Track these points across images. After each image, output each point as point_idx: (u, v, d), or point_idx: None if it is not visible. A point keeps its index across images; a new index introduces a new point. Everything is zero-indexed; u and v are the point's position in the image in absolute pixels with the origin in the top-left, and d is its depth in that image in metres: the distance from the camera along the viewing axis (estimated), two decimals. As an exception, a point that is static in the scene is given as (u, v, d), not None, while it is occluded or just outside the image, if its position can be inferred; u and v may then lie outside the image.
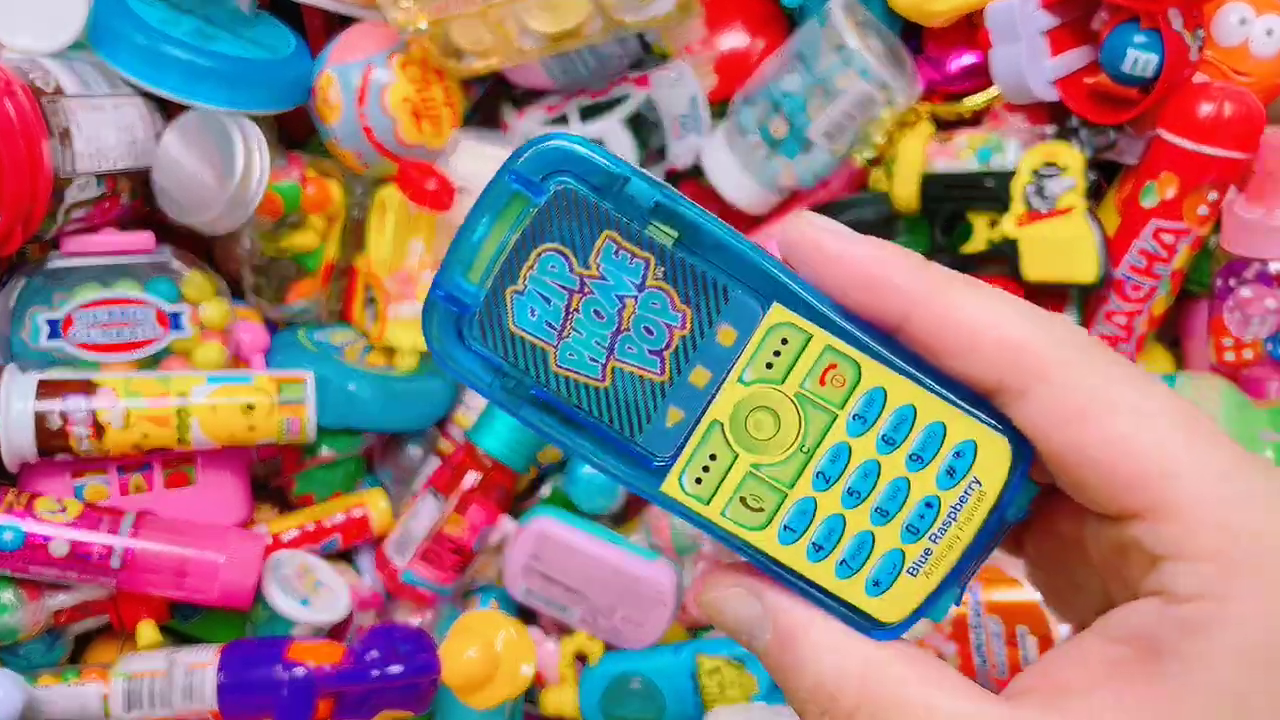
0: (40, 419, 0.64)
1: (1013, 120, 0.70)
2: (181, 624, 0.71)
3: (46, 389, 0.64)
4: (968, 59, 0.72)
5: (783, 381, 0.25)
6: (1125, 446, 0.23)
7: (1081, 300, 0.68)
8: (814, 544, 0.26)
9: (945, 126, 0.73)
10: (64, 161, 0.62)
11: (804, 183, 0.73)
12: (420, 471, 0.76)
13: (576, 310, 0.25)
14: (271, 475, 0.75)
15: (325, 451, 0.73)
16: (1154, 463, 0.23)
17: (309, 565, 0.71)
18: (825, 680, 0.25)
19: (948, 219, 0.70)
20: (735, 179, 0.73)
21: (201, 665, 0.64)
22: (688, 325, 0.25)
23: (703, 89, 0.74)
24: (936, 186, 0.70)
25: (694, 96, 0.74)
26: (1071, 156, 0.65)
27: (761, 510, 0.26)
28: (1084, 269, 0.65)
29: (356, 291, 0.75)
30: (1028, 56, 0.66)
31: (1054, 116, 0.69)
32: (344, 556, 0.76)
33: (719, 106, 0.76)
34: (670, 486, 0.26)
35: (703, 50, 0.75)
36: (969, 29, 0.70)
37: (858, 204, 0.72)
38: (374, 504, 0.74)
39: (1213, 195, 0.64)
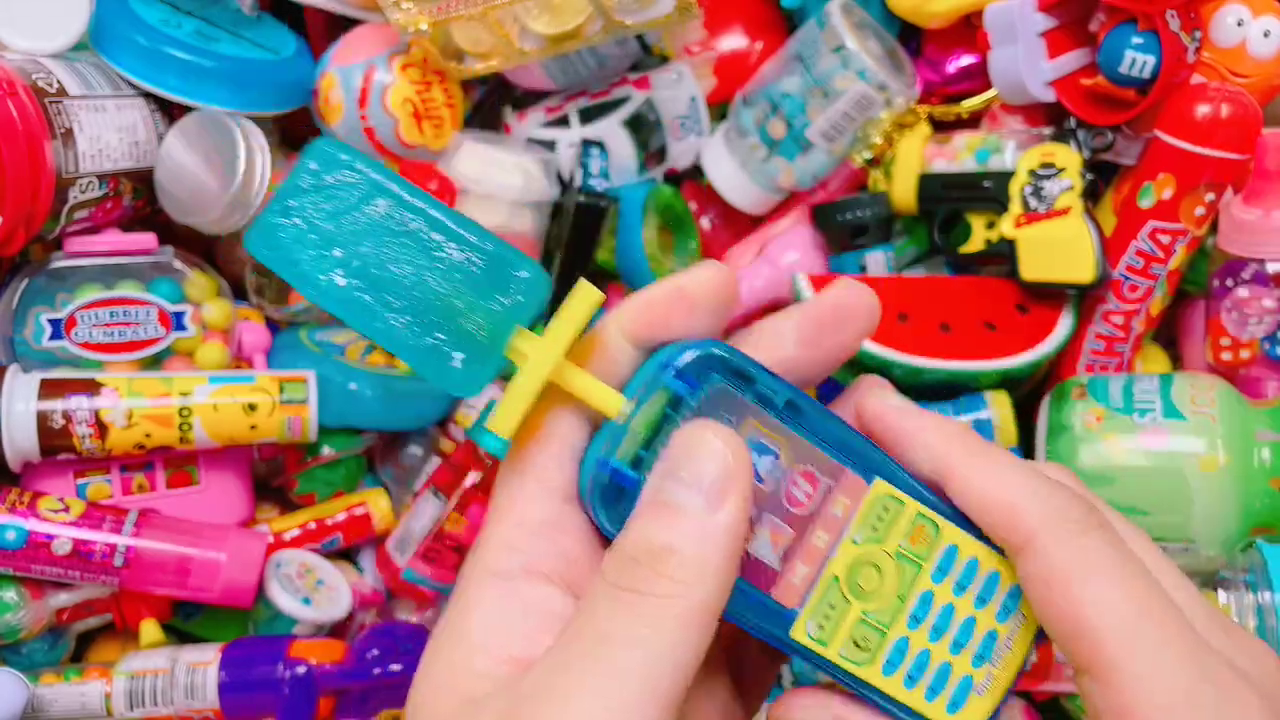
0: (43, 419, 0.64)
1: (1010, 121, 0.70)
2: (183, 623, 0.71)
3: (49, 389, 0.64)
4: (966, 60, 0.72)
5: (882, 541, 0.31)
6: (1087, 616, 0.28)
7: (1079, 301, 0.68)
8: (909, 675, 0.31)
9: (943, 128, 0.73)
10: (66, 162, 0.62)
11: (802, 183, 0.73)
12: (421, 471, 0.76)
13: None
14: (273, 474, 0.75)
15: (327, 451, 0.73)
16: (1107, 635, 0.27)
17: (310, 564, 0.71)
18: None
19: (946, 220, 0.70)
20: (734, 180, 0.73)
21: (203, 664, 0.64)
22: (812, 497, 0.30)
23: (702, 90, 0.75)
24: (934, 187, 0.70)
25: (693, 98, 0.74)
26: (1069, 157, 0.65)
27: (869, 649, 0.31)
28: (1081, 269, 0.65)
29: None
30: (1026, 58, 0.66)
31: (1052, 118, 0.69)
32: (345, 555, 0.76)
33: (718, 108, 0.76)
34: (798, 633, 0.30)
35: (702, 52, 0.75)
36: (967, 31, 0.70)
37: (856, 205, 0.71)
38: (375, 503, 0.74)
39: (1210, 196, 0.64)
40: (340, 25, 0.74)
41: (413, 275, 0.29)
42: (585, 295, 0.30)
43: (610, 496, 0.29)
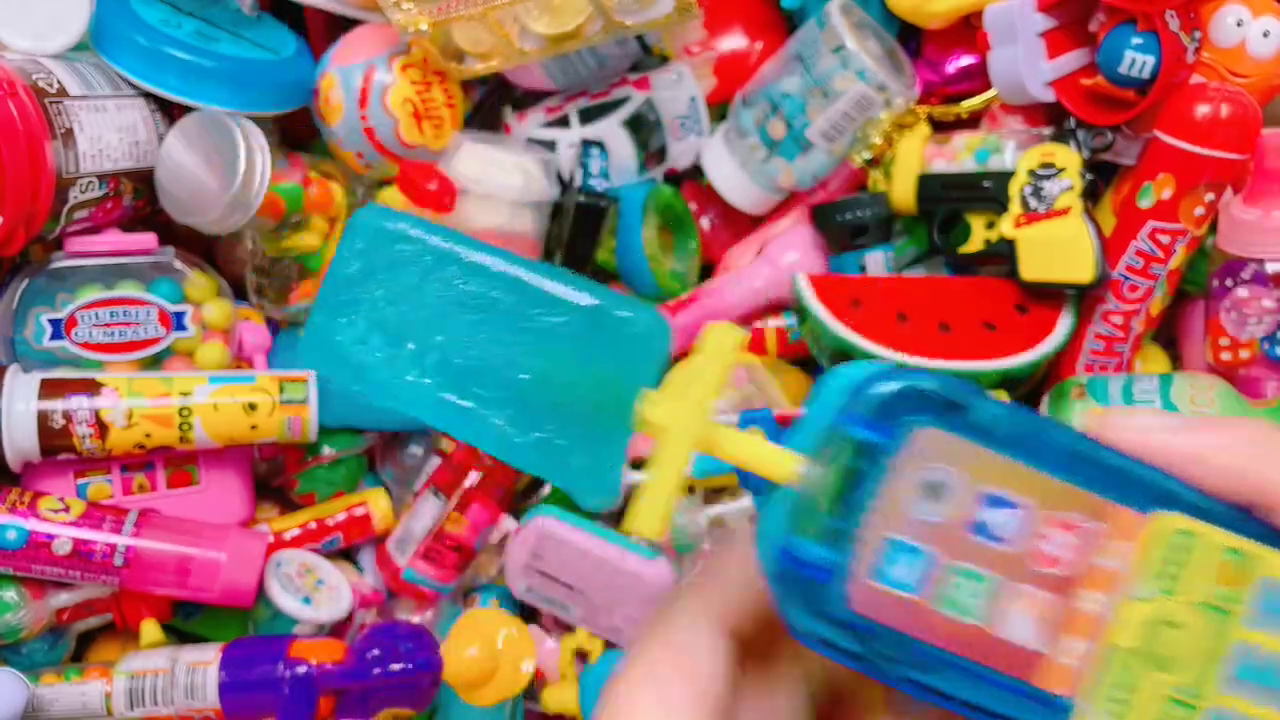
0: (43, 418, 0.64)
1: (1010, 122, 0.70)
2: (184, 622, 0.71)
3: (49, 389, 0.64)
4: (965, 61, 0.72)
5: (1180, 590, 0.24)
6: None
7: (1078, 301, 0.68)
8: None
9: (943, 128, 0.73)
10: (67, 162, 0.62)
11: (802, 184, 0.73)
12: (421, 470, 0.76)
13: (951, 555, 0.24)
14: (273, 474, 0.75)
15: (327, 450, 0.73)
16: None
17: (311, 564, 0.71)
18: None
19: (945, 220, 0.70)
20: (734, 180, 0.73)
21: (204, 663, 0.64)
22: (1071, 550, 0.24)
23: (702, 90, 0.74)
24: (934, 187, 0.70)
25: (693, 98, 0.74)
26: (1068, 157, 0.65)
27: None
28: (1081, 270, 0.64)
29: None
30: (1025, 58, 0.66)
31: (1051, 118, 0.69)
32: (345, 555, 0.76)
33: (718, 108, 0.76)
34: None
35: (702, 52, 0.75)
36: (967, 31, 0.70)
37: (856, 205, 0.71)
38: (375, 503, 0.74)
39: (1209, 196, 0.64)
40: (340, 25, 0.74)
41: (501, 356, 0.24)
42: (721, 339, 0.24)
43: (801, 588, 0.23)
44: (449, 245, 0.24)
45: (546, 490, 0.77)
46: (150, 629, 0.67)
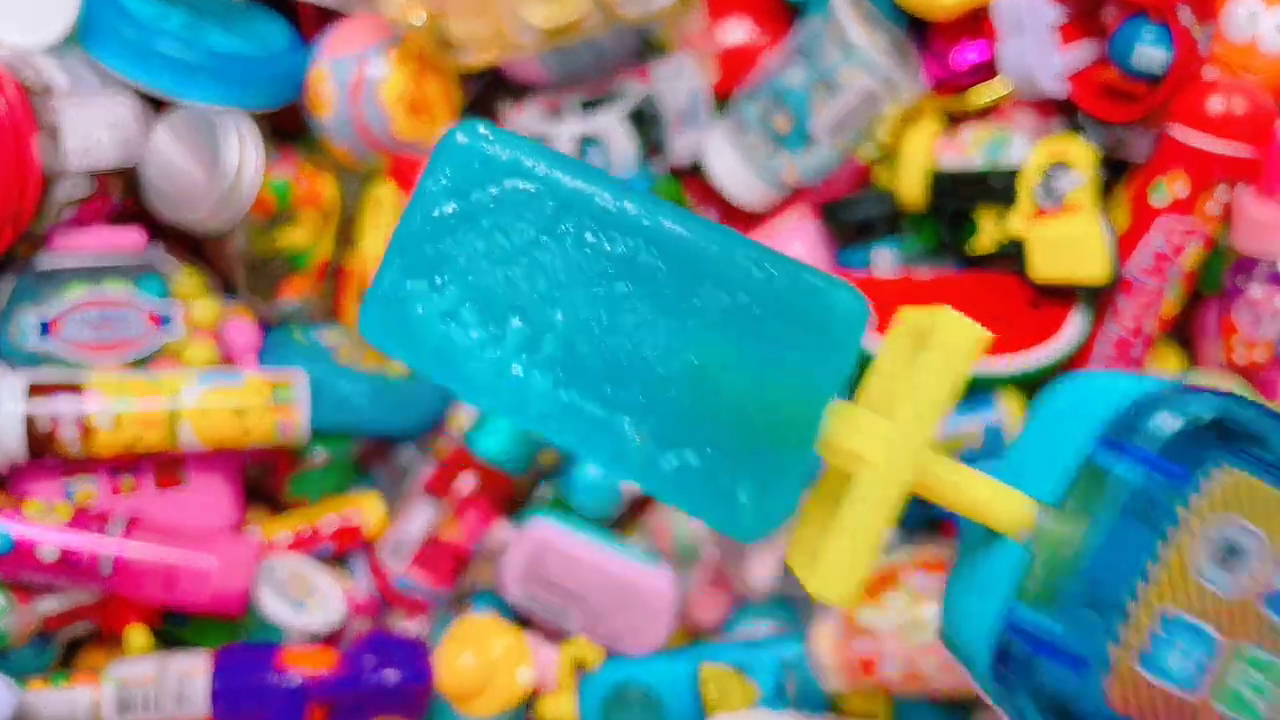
0: (29, 421, 0.63)
1: (1020, 116, 0.70)
2: (173, 629, 0.71)
3: (36, 391, 0.64)
4: (974, 54, 0.71)
5: None
6: None
7: (1090, 300, 0.68)
8: None
9: (951, 122, 0.72)
10: (54, 159, 0.62)
11: (807, 179, 0.72)
12: (416, 474, 0.76)
13: (1242, 635, 0.18)
14: (264, 478, 0.74)
15: (319, 454, 0.73)
16: None
17: (302, 570, 0.71)
18: None
19: (954, 216, 0.70)
20: (737, 175, 0.73)
21: (193, 671, 0.64)
22: None
23: (704, 84, 0.74)
24: (943, 183, 0.69)
25: (695, 91, 0.74)
26: (1080, 152, 0.65)
27: None
28: (1093, 268, 0.64)
29: (350, 290, 0.75)
30: (1036, 51, 0.66)
31: (1061, 112, 0.69)
32: (338, 561, 0.76)
33: (721, 102, 0.75)
34: None
35: (704, 44, 0.75)
36: (975, 23, 0.70)
37: (862, 201, 0.72)
38: (369, 507, 0.74)
39: (1223, 192, 0.64)
40: (333, 17, 0.73)
41: (648, 345, 0.17)
42: (955, 335, 0.18)
43: (1035, 676, 0.18)
44: (581, 184, 0.17)
45: (545, 495, 0.76)
46: (138, 635, 0.67)
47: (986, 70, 0.70)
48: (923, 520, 0.71)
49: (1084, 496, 0.16)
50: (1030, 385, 0.66)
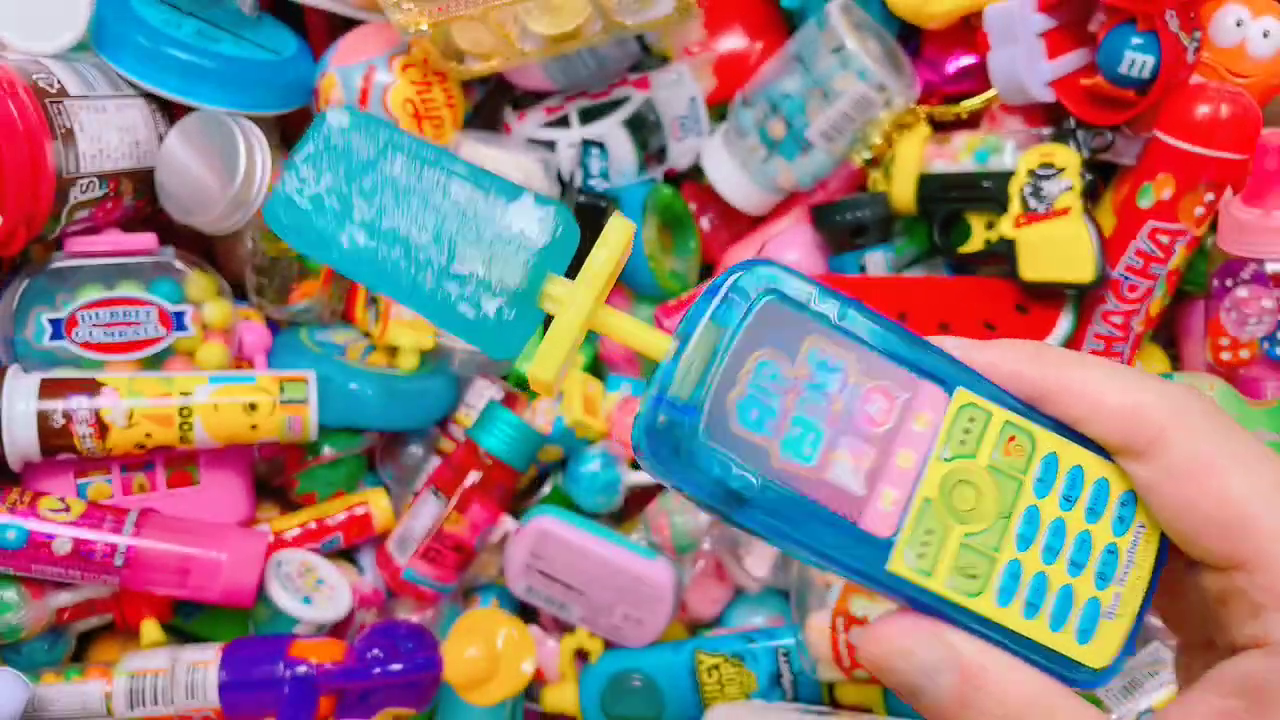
0: (43, 418, 0.64)
1: (1010, 122, 0.70)
2: (184, 622, 0.71)
3: (49, 389, 0.64)
4: (965, 61, 0.72)
5: (975, 455, 0.28)
6: (1235, 503, 0.26)
7: (1078, 301, 0.68)
8: (1028, 603, 0.28)
9: (943, 128, 0.73)
10: (67, 162, 0.62)
11: (802, 184, 0.73)
12: (421, 470, 0.77)
13: (792, 408, 0.28)
14: (274, 474, 0.75)
15: (327, 450, 0.73)
16: (1261, 519, 0.26)
17: (311, 564, 0.71)
18: (1016, 709, 0.27)
19: (945, 220, 0.70)
20: (734, 180, 0.73)
21: (204, 663, 0.64)
22: (890, 414, 0.28)
23: (702, 91, 0.75)
24: (934, 187, 0.70)
25: (693, 98, 0.74)
26: (1068, 157, 0.65)
27: (977, 577, 0.28)
28: (1081, 269, 0.65)
29: (358, 291, 0.76)
30: (1025, 58, 0.66)
31: (1051, 118, 0.69)
32: (345, 555, 0.76)
33: (718, 108, 0.76)
34: (896, 565, 0.27)
35: (702, 52, 0.75)
36: (966, 31, 0.70)
37: (856, 205, 0.71)
38: (375, 503, 0.74)
39: (1209, 196, 0.64)
40: (341, 25, 0.74)
41: (436, 228, 0.28)
42: (617, 232, 0.29)
43: (667, 441, 0.27)
44: (399, 137, 0.28)
45: (547, 490, 0.77)
46: (150, 629, 0.67)
47: (978, 77, 0.71)
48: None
49: (696, 330, 0.27)
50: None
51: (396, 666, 0.64)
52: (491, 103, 0.78)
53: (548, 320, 0.29)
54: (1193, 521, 0.27)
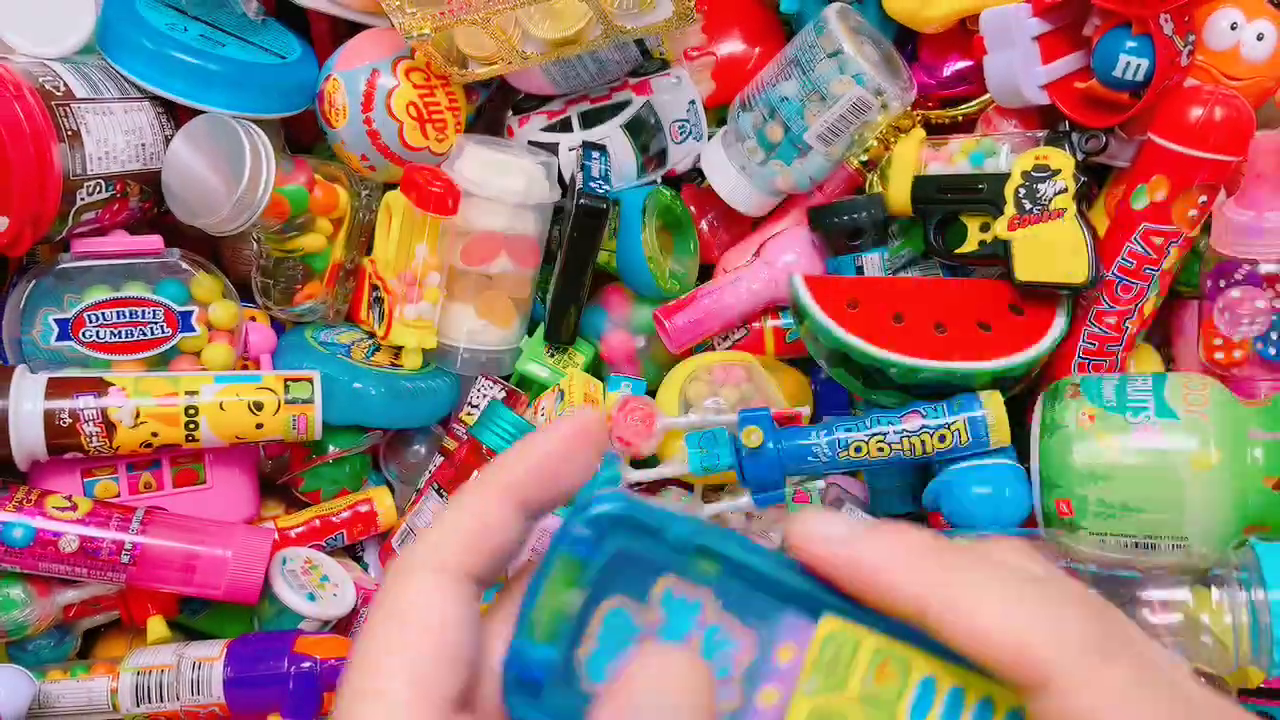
0: (50, 417, 0.64)
1: (1005, 125, 0.71)
2: (189, 619, 0.72)
3: (56, 388, 0.65)
4: (961, 65, 0.72)
5: (844, 686, 0.26)
6: None
7: (1072, 301, 0.68)
8: None
9: (939, 131, 0.73)
10: (73, 164, 0.63)
11: (800, 186, 0.73)
12: (425, 468, 0.77)
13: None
14: (279, 472, 0.75)
15: (332, 449, 0.74)
16: None
17: (315, 561, 0.71)
18: None
19: (941, 222, 0.71)
20: (733, 182, 0.73)
21: (209, 659, 0.64)
22: (751, 650, 0.26)
23: (701, 94, 0.75)
24: (930, 189, 0.70)
25: (692, 102, 0.75)
26: (1063, 160, 0.65)
27: None
28: (1075, 271, 0.65)
29: (363, 292, 0.76)
30: (1021, 62, 0.66)
31: (1046, 121, 0.70)
32: (350, 552, 0.77)
33: (717, 111, 0.76)
34: None
35: (701, 56, 0.76)
36: (963, 35, 0.71)
37: (853, 207, 0.72)
38: (379, 501, 0.75)
39: (1202, 198, 0.64)
40: (345, 30, 0.74)
41: None
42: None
43: (524, 696, 0.25)
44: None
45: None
46: (156, 626, 0.67)
47: (973, 81, 0.71)
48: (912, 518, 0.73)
49: (551, 574, 0.26)
50: (1010, 383, 0.68)
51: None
52: (493, 106, 0.78)
53: None
54: None
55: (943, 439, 0.64)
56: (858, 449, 0.64)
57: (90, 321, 0.67)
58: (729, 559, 0.26)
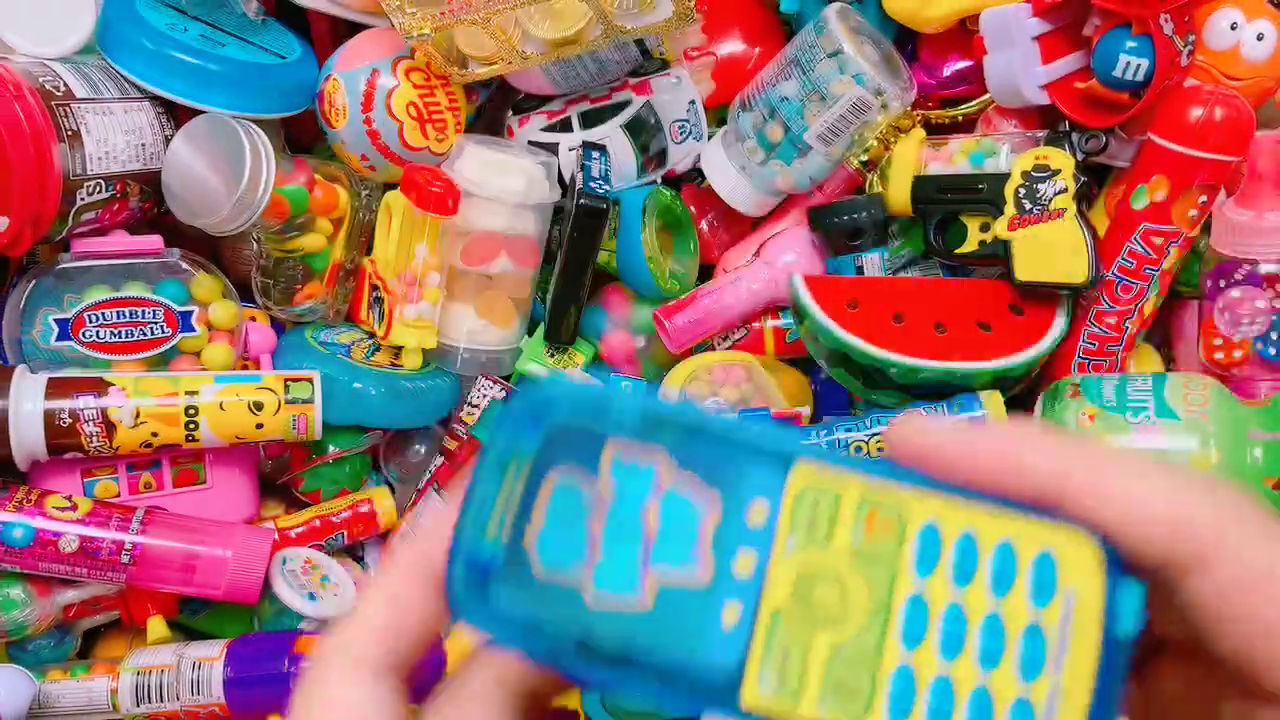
0: (50, 417, 0.64)
1: (1005, 125, 0.71)
2: (189, 619, 0.72)
3: (56, 388, 0.65)
4: (961, 65, 0.72)
5: (829, 543, 0.23)
6: None
7: (1072, 301, 0.68)
8: (934, 714, 0.22)
9: (939, 131, 0.73)
10: (73, 164, 0.62)
11: (800, 186, 0.73)
12: (426, 468, 0.77)
13: (599, 534, 0.23)
14: (279, 472, 0.75)
15: (332, 449, 0.74)
16: None
17: (316, 561, 0.71)
18: None
19: (941, 222, 0.71)
20: (733, 182, 0.73)
21: (209, 659, 0.64)
22: (716, 512, 0.23)
23: (701, 94, 0.75)
24: (930, 190, 0.70)
25: (692, 102, 0.75)
26: (1063, 160, 0.65)
27: (859, 693, 0.22)
28: (1075, 271, 0.65)
29: (363, 292, 0.76)
30: (1021, 62, 0.66)
31: (1046, 121, 0.70)
32: (350, 552, 0.77)
33: (717, 111, 0.76)
34: (750, 696, 0.22)
35: (701, 56, 0.76)
36: (963, 35, 0.71)
37: (853, 208, 0.72)
38: (380, 501, 0.75)
39: (1202, 198, 0.64)
40: (345, 30, 0.74)
41: None
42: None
43: (471, 597, 0.23)
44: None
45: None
46: (157, 626, 0.67)
47: (973, 81, 0.71)
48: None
49: (486, 466, 0.24)
50: (1010, 383, 0.68)
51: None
52: (493, 106, 0.78)
53: None
54: (1257, 643, 0.22)
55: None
56: (858, 449, 0.64)
57: (90, 321, 0.67)
58: (683, 423, 0.23)
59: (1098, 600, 0.22)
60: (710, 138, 0.76)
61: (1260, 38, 0.66)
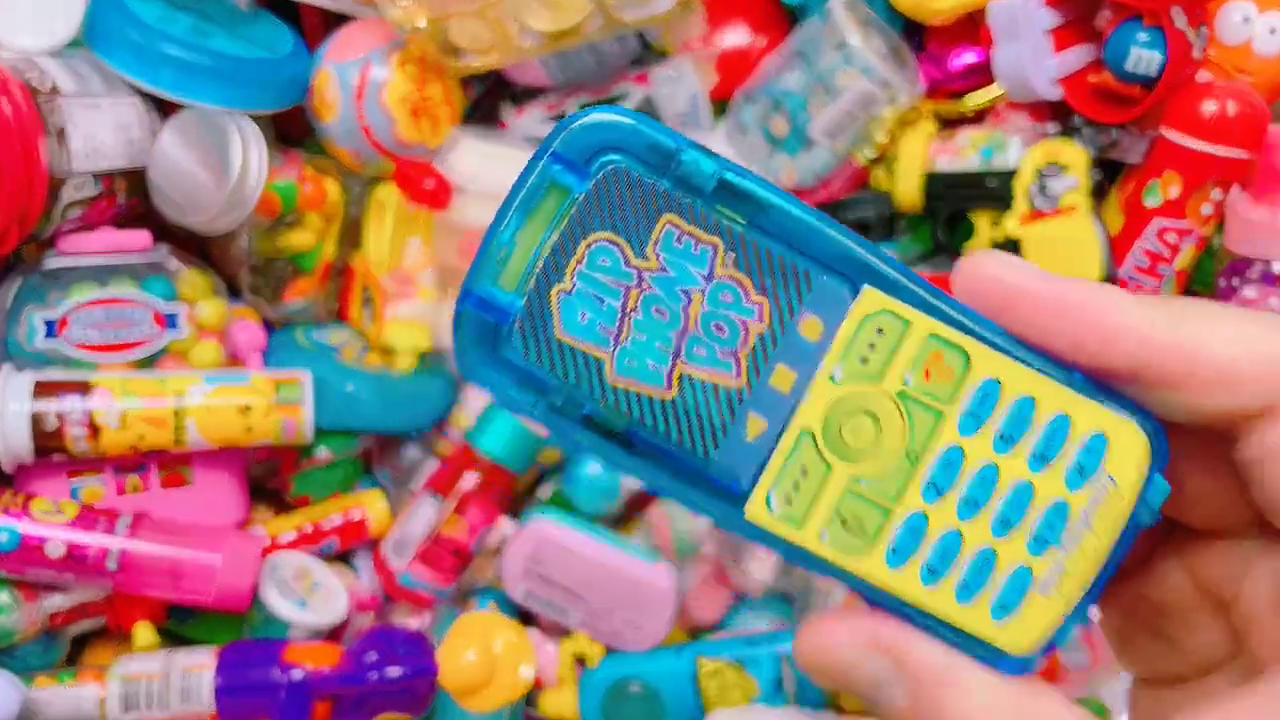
0: (36, 420, 0.64)
1: (1015, 119, 0.70)
2: (178, 626, 0.71)
3: (42, 389, 0.64)
4: (970, 57, 0.72)
5: (880, 378, 0.22)
6: None
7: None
8: (928, 566, 0.22)
9: (947, 125, 0.73)
10: (60, 160, 0.62)
11: (805, 181, 0.73)
12: (419, 472, 0.76)
13: (634, 309, 0.22)
14: (268, 476, 0.75)
15: (323, 452, 0.73)
16: None
17: (306, 567, 0.71)
18: None
19: (950, 218, 0.70)
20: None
21: (199, 667, 0.64)
22: (765, 318, 0.22)
23: (703, 87, 0.74)
24: (938, 185, 0.70)
25: (694, 94, 0.74)
26: (1075, 155, 0.65)
27: (863, 531, 0.22)
28: (1087, 269, 0.65)
29: (354, 291, 0.75)
30: (1030, 55, 0.66)
31: (1056, 115, 0.69)
32: (342, 558, 0.76)
33: (720, 105, 0.76)
34: (756, 510, 0.22)
35: (703, 48, 0.75)
36: (971, 27, 0.70)
37: (859, 203, 0.72)
38: (372, 505, 0.74)
39: (1216, 194, 0.64)
40: (337, 21, 0.74)
41: None
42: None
43: (477, 343, 0.22)
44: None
45: (546, 492, 0.77)
46: (144, 632, 0.67)
47: (982, 74, 0.71)
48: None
49: (533, 199, 0.22)
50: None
51: (393, 671, 0.64)
52: (490, 99, 0.78)
53: None
54: None
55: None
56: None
57: (76, 321, 0.66)
58: (756, 203, 0.22)
59: (1133, 493, 0.22)
60: (713, 131, 0.75)
61: (1273, 31, 0.65)
